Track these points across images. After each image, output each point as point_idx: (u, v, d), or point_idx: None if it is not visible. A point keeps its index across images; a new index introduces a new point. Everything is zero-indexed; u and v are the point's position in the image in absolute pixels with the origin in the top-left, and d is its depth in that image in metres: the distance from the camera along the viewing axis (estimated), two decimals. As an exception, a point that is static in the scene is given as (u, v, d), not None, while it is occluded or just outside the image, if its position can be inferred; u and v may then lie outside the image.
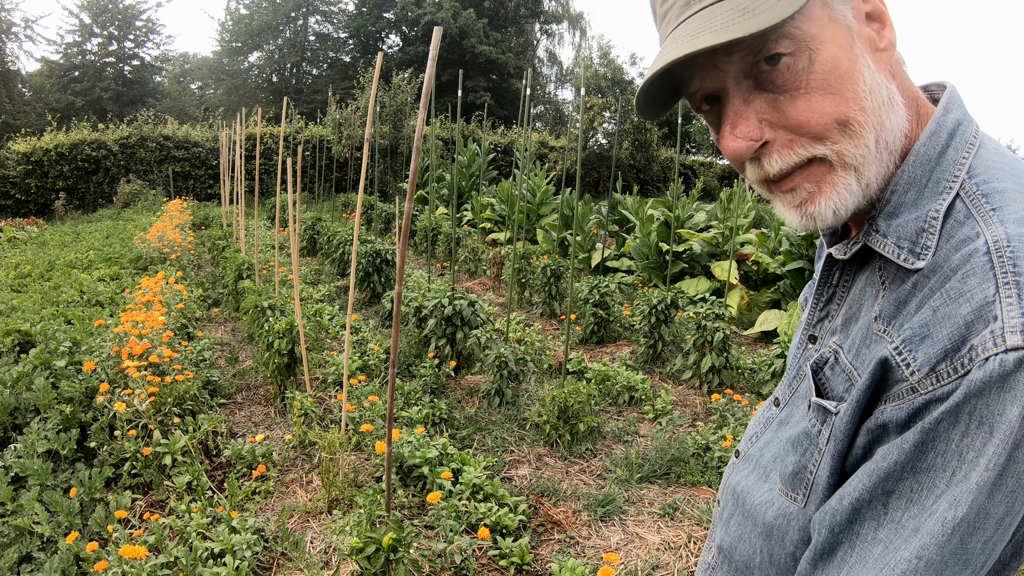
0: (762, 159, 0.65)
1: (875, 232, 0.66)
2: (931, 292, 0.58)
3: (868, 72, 0.62)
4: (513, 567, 2.66)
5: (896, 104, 0.64)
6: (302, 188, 17.53)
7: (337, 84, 29.28)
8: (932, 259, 0.60)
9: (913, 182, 0.64)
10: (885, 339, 0.61)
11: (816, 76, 0.61)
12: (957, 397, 0.53)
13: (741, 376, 4.96)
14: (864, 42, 0.63)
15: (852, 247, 0.69)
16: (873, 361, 0.60)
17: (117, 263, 8.18)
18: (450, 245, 9.44)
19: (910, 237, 0.62)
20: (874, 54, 0.64)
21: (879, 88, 0.62)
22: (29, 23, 28.80)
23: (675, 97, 0.71)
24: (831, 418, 0.65)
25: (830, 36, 0.61)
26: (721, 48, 0.61)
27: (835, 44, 0.61)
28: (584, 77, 9.72)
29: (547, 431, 3.77)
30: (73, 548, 2.50)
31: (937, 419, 0.54)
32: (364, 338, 5.33)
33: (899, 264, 0.63)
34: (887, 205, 0.66)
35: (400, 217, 8.57)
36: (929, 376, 0.55)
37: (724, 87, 0.65)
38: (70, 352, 4.14)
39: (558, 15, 40.70)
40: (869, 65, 0.63)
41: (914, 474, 0.56)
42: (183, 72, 39.41)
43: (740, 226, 8.17)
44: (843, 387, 0.66)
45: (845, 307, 0.71)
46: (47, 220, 16.52)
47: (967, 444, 0.53)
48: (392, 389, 2.43)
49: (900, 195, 0.65)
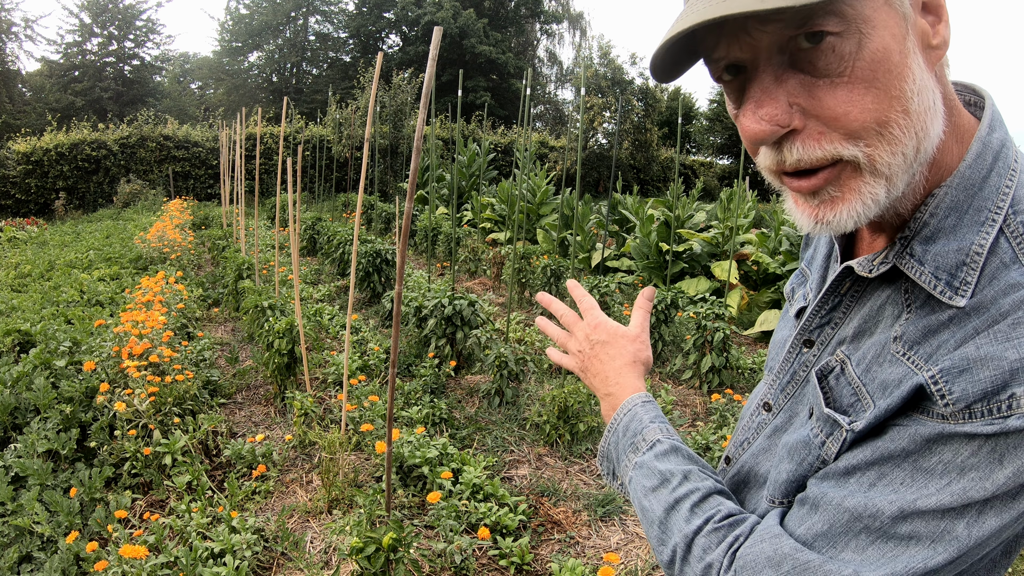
0: (783, 145, 0.59)
1: (909, 256, 0.61)
2: (975, 331, 0.56)
3: (918, 70, 0.56)
4: (513, 567, 2.66)
5: (938, 112, 0.58)
6: (302, 188, 17.53)
7: (337, 84, 29.28)
8: (976, 299, 0.57)
9: (955, 207, 0.60)
10: (905, 363, 0.59)
11: (863, 65, 0.54)
12: (986, 430, 0.53)
13: (741, 376, 4.96)
14: (917, 35, 0.57)
15: (880, 266, 0.64)
16: (903, 387, 0.58)
17: (117, 263, 8.18)
18: (450, 245, 9.44)
19: (949, 269, 0.58)
20: (925, 51, 0.58)
21: (927, 91, 0.57)
22: (29, 23, 28.81)
23: (693, 59, 0.63)
24: (840, 432, 0.63)
25: (883, 22, 0.54)
26: (760, 15, 0.53)
27: (888, 32, 0.55)
28: (584, 77, 9.72)
29: (547, 431, 3.77)
30: (73, 548, 2.50)
31: (956, 431, 0.55)
32: (364, 338, 5.33)
33: (935, 296, 0.59)
34: (924, 227, 0.61)
35: (400, 217, 8.57)
36: (963, 411, 0.54)
37: (754, 59, 0.58)
38: (70, 352, 4.14)
39: (558, 15, 40.71)
40: (919, 63, 0.57)
41: (914, 466, 0.57)
42: (183, 72, 39.43)
43: (740, 226, 8.17)
44: (848, 400, 0.64)
45: (858, 320, 0.68)
46: (47, 220, 16.52)
47: (974, 464, 0.54)
48: (392, 389, 2.43)
49: (940, 219, 0.60)
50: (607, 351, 0.93)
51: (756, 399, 0.84)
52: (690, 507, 0.73)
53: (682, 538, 0.72)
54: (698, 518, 0.71)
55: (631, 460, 0.82)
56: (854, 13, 0.53)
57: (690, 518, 0.72)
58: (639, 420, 0.84)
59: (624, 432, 0.85)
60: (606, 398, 0.91)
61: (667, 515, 0.74)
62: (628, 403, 0.87)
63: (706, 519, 0.71)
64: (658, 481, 0.77)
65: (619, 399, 0.89)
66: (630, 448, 0.83)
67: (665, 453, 0.79)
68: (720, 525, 0.70)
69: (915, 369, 0.58)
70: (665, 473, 0.77)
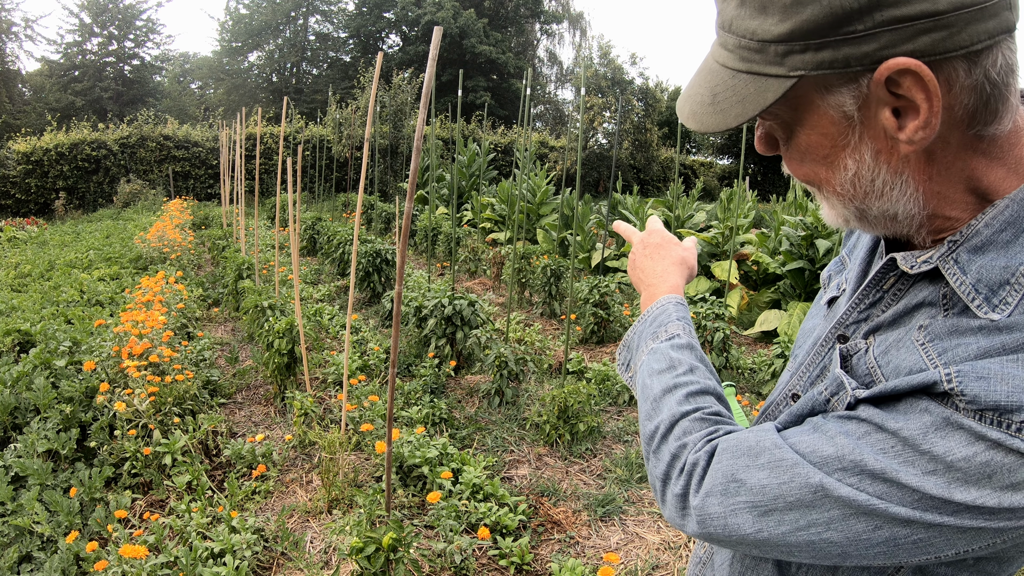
0: None
1: (954, 262, 0.62)
2: (1003, 348, 0.56)
3: (854, 163, 0.62)
4: (513, 567, 2.66)
5: (889, 192, 0.62)
6: (302, 188, 17.53)
7: (337, 84, 29.28)
8: (1013, 318, 0.57)
9: (1013, 222, 0.60)
10: (919, 351, 0.60)
11: (793, 151, 0.67)
12: (994, 435, 0.54)
13: (741, 376, 4.97)
14: (871, 132, 0.60)
15: (923, 264, 0.65)
16: (915, 377, 0.59)
17: (117, 263, 8.18)
18: (450, 245, 9.44)
19: (991, 284, 0.59)
20: (887, 142, 0.60)
21: (866, 179, 0.62)
22: (29, 23, 28.83)
23: None
24: (844, 394, 0.65)
25: (812, 123, 0.62)
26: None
27: (816, 132, 0.63)
28: (584, 77, 9.69)
29: (547, 431, 3.77)
30: (73, 548, 2.50)
31: (965, 423, 0.55)
32: (364, 338, 5.33)
33: (971, 308, 0.60)
34: (976, 236, 0.61)
35: (400, 217, 8.57)
36: (975, 412, 0.55)
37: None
38: (70, 352, 4.14)
39: (558, 15, 40.71)
40: (863, 157, 0.61)
41: (910, 440, 0.58)
42: (183, 72, 39.42)
43: (740, 226, 8.17)
44: (863, 377, 0.66)
45: (891, 313, 0.69)
46: (47, 220, 16.52)
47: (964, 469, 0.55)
48: (392, 389, 2.43)
49: (995, 231, 0.60)
50: (659, 251, 1.01)
51: (781, 388, 0.83)
52: (686, 394, 0.77)
53: (669, 416, 0.76)
54: (690, 404, 0.76)
55: (648, 346, 0.88)
56: (781, 112, 0.64)
57: (683, 402, 0.76)
58: (667, 314, 0.90)
59: (651, 322, 0.91)
60: (647, 289, 0.97)
61: (663, 395, 0.79)
62: (663, 300, 0.92)
63: (697, 407, 0.76)
64: (665, 365, 0.82)
65: (658, 292, 0.95)
66: (651, 336, 0.89)
67: (680, 347, 0.84)
68: (708, 417, 0.75)
69: (929, 363, 0.59)
70: (674, 360, 0.82)
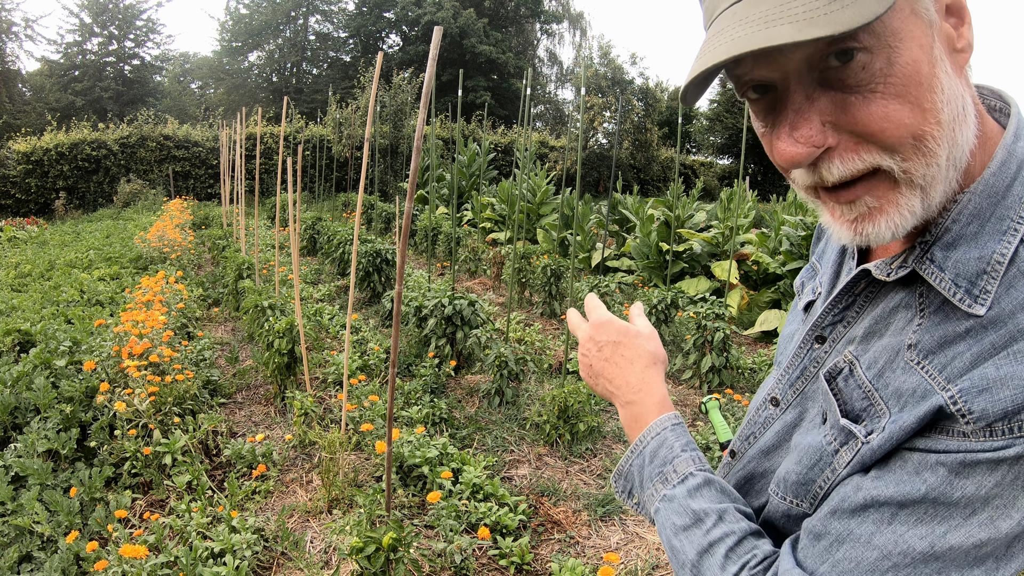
0: (819, 164, 0.59)
1: (930, 261, 0.61)
2: (993, 348, 0.55)
3: (946, 79, 0.55)
4: (513, 567, 2.66)
5: (969, 116, 0.58)
6: (302, 188, 17.53)
7: (337, 84, 29.28)
8: (994, 310, 0.56)
9: (977, 214, 0.59)
10: (920, 373, 0.59)
11: (895, 80, 0.54)
12: (1008, 453, 0.53)
13: (741, 376, 4.96)
14: (943, 41, 0.56)
15: (899, 271, 0.63)
16: (921, 407, 0.58)
17: (117, 263, 8.18)
18: (450, 245, 9.44)
19: (969, 277, 0.58)
20: (951, 56, 0.57)
21: (955, 98, 0.56)
22: (29, 23, 28.82)
23: (714, 76, 0.61)
24: (855, 443, 0.63)
25: (911, 33, 0.54)
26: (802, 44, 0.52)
27: (916, 43, 0.54)
28: (584, 77, 9.69)
29: (547, 431, 3.77)
30: (73, 547, 2.50)
31: (978, 460, 0.55)
32: (364, 338, 5.33)
33: (953, 302, 0.59)
34: (946, 233, 0.60)
35: (400, 217, 8.57)
36: (984, 430, 0.54)
37: (783, 78, 0.57)
38: (70, 352, 4.14)
39: (558, 15, 40.72)
40: (947, 70, 0.56)
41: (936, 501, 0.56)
42: (183, 72, 39.43)
43: (740, 226, 8.17)
44: (860, 404, 0.64)
45: (868, 320, 0.68)
46: (47, 220, 16.53)
47: (998, 493, 0.54)
48: (392, 389, 2.43)
49: (963, 226, 0.60)
50: (619, 351, 0.87)
51: (764, 392, 0.82)
52: (725, 552, 0.69)
53: None
54: (733, 564, 0.68)
55: (659, 491, 0.78)
56: (883, 28, 0.53)
57: (725, 564, 0.69)
58: (669, 447, 0.79)
59: (651, 458, 0.80)
60: (627, 406, 0.85)
61: (700, 559, 0.71)
62: (656, 425, 0.82)
63: (742, 565, 0.68)
64: (690, 520, 0.73)
65: (643, 409, 0.84)
66: (658, 478, 0.79)
67: (698, 488, 0.75)
68: (755, 571, 0.68)
69: (933, 384, 0.58)
70: (699, 513, 0.73)
